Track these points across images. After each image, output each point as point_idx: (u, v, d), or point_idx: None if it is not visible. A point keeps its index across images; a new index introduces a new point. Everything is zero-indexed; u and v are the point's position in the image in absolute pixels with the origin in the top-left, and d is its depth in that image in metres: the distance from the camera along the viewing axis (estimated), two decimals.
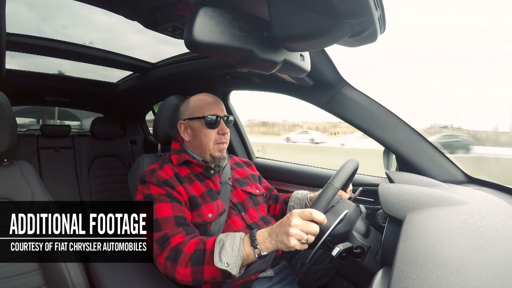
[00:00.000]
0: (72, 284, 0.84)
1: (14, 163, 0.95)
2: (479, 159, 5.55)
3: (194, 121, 0.96)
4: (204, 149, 0.96)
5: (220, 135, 0.95)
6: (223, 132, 0.95)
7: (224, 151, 0.97)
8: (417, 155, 1.03)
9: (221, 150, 0.96)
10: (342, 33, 0.50)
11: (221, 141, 0.95)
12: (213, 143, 0.95)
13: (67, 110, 3.12)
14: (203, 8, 0.48)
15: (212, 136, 0.94)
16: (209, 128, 0.94)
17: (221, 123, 0.95)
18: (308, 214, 0.65)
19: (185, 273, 0.72)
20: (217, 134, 0.95)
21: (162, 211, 0.81)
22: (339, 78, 1.09)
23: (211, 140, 0.94)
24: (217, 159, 0.96)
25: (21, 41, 1.22)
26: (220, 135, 0.95)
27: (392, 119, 1.06)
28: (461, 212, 0.60)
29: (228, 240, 0.70)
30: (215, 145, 0.95)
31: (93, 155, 2.26)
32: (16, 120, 0.96)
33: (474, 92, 28.82)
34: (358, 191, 1.00)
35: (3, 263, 0.82)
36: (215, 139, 0.95)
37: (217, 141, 0.95)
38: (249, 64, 0.58)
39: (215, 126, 0.94)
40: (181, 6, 0.69)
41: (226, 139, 0.97)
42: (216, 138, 0.95)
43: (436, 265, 0.44)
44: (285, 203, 1.09)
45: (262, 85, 1.33)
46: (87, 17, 1.25)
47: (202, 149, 0.96)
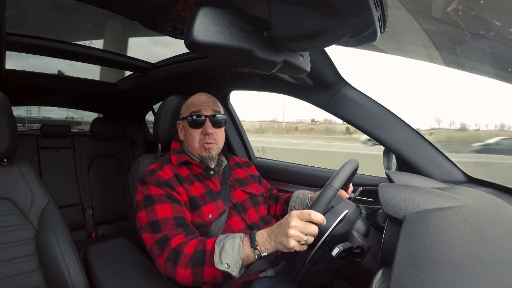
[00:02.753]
0: (72, 284, 0.84)
1: (14, 163, 0.95)
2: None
3: (184, 121, 0.96)
4: (192, 149, 0.96)
5: (203, 135, 0.93)
6: (205, 132, 0.92)
7: (212, 151, 0.94)
8: (417, 155, 1.03)
9: (206, 149, 0.93)
10: (342, 33, 0.50)
11: (206, 141, 0.93)
12: (198, 143, 0.93)
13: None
14: (203, 8, 0.48)
15: (196, 136, 0.93)
16: (192, 127, 0.93)
17: (206, 123, 0.93)
18: (307, 215, 0.65)
19: (185, 274, 0.72)
20: (201, 134, 0.93)
21: (162, 212, 0.81)
22: (339, 78, 1.09)
23: (195, 140, 0.93)
24: (204, 159, 0.94)
25: (21, 41, 1.21)
26: (203, 135, 0.93)
27: (392, 119, 1.06)
28: (461, 212, 0.60)
29: (228, 241, 0.70)
30: (200, 145, 0.93)
31: (93, 155, 2.26)
32: (16, 120, 0.96)
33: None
34: (358, 191, 1.00)
35: (3, 263, 0.82)
36: (199, 139, 0.93)
37: (201, 141, 0.93)
38: (249, 64, 0.58)
39: (199, 126, 0.93)
40: (181, 6, 0.69)
41: (213, 139, 0.94)
42: (200, 138, 0.93)
43: (436, 265, 0.44)
44: (286, 203, 1.09)
45: (262, 85, 1.33)
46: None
47: (191, 149, 0.96)
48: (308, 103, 1.21)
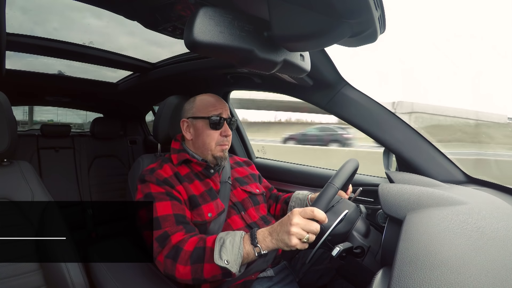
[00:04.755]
0: (72, 284, 0.84)
1: (14, 163, 0.95)
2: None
3: (198, 120, 0.96)
4: (206, 149, 0.96)
5: (222, 137, 0.95)
6: (225, 134, 0.95)
7: (226, 151, 0.97)
8: (417, 155, 1.03)
9: (223, 150, 0.96)
10: (342, 33, 0.50)
11: (223, 143, 0.95)
12: (215, 144, 0.95)
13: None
14: (203, 8, 0.48)
15: (215, 137, 0.94)
16: (213, 129, 0.94)
17: (225, 125, 0.95)
18: (310, 213, 0.65)
19: (184, 271, 0.71)
20: (219, 135, 0.95)
21: (162, 209, 0.81)
22: (339, 78, 1.09)
23: (214, 141, 0.94)
24: (219, 159, 0.95)
25: (21, 41, 1.22)
26: (222, 137, 0.95)
27: (392, 119, 1.06)
28: (461, 212, 0.60)
29: (228, 238, 0.70)
30: (217, 146, 0.95)
31: (93, 155, 2.26)
32: (16, 120, 0.96)
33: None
34: (358, 191, 1.00)
35: (3, 263, 0.82)
36: (218, 141, 0.95)
37: (219, 143, 0.95)
38: (249, 64, 0.58)
39: (219, 127, 0.94)
40: (181, 6, 0.69)
41: (229, 141, 0.97)
42: (218, 140, 0.95)
43: (436, 265, 0.44)
44: (286, 203, 1.09)
45: (262, 85, 1.33)
46: (79, 21, 1.26)
47: (204, 149, 0.96)
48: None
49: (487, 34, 7.56)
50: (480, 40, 7.51)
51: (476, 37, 10.06)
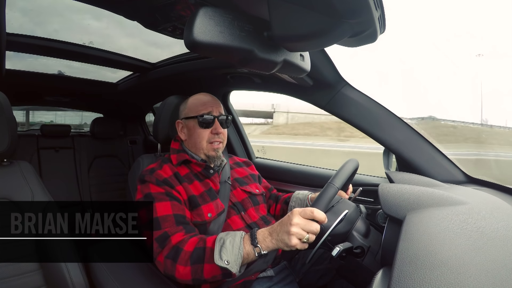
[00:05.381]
0: (72, 284, 0.84)
1: (14, 163, 0.95)
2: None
3: (189, 120, 0.96)
4: (198, 148, 0.96)
5: (213, 135, 0.94)
6: (216, 131, 0.94)
7: (219, 150, 0.96)
8: (417, 155, 1.03)
9: (215, 149, 0.95)
10: (342, 33, 0.50)
11: (215, 140, 0.95)
12: (206, 142, 0.95)
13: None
14: (203, 8, 0.48)
15: (205, 135, 0.94)
16: (202, 127, 0.94)
17: (216, 123, 0.95)
18: (310, 213, 0.65)
19: (184, 271, 0.71)
20: (210, 133, 0.94)
21: (162, 209, 0.81)
22: (339, 78, 1.09)
23: (204, 139, 0.94)
24: (211, 158, 0.95)
25: (21, 41, 1.22)
26: (213, 135, 0.94)
27: (392, 119, 1.06)
28: (461, 212, 0.60)
29: (228, 238, 0.70)
30: (208, 145, 0.95)
31: (93, 155, 2.26)
32: (16, 120, 0.96)
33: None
34: (358, 191, 1.00)
35: (3, 263, 0.82)
36: (208, 139, 0.94)
37: (210, 141, 0.95)
38: (249, 64, 0.58)
39: (209, 126, 0.94)
40: (181, 6, 0.69)
41: (221, 138, 0.96)
42: (209, 138, 0.94)
43: (436, 265, 0.44)
44: (286, 203, 1.09)
45: (262, 85, 1.33)
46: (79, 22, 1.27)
47: (196, 148, 0.96)
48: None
49: (487, 35, 7.51)
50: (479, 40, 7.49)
51: (475, 37, 10.00)
